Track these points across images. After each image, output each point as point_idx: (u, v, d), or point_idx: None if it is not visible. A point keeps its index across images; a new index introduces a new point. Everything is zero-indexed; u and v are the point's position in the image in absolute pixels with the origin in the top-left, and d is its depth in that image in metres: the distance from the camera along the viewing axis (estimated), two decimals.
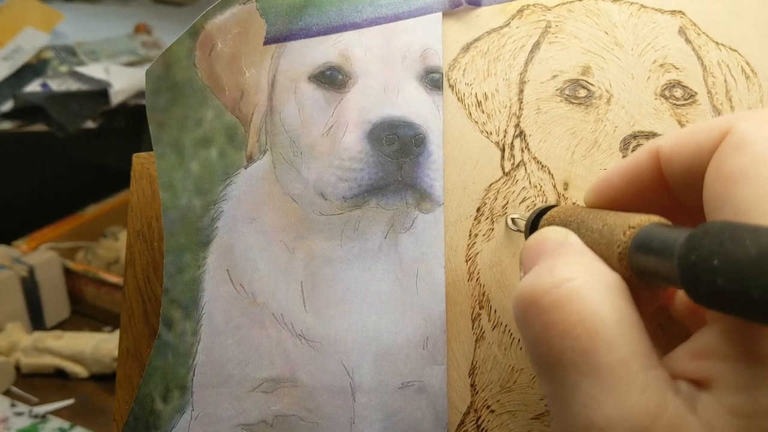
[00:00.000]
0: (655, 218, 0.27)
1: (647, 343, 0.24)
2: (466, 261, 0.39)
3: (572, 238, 0.29)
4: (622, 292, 0.25)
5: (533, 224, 0.36)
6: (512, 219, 0.39)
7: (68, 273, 1.01)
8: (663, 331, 0.37)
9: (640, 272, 0.26)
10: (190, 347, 0.38)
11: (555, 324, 0.24)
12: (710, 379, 0.23)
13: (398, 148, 0.38)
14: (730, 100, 0.41)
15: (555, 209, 0.34)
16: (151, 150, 0.40)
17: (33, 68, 1.23)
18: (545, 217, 0.35)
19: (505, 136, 0.40)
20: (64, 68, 1.24)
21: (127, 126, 1.20)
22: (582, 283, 0.25)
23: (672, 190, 0.30)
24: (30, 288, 0.95)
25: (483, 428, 0.38)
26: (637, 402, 0.22)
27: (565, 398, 0.24)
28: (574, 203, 0.39)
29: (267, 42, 0.39)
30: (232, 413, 0.38)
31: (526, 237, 0.36)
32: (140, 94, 1.20)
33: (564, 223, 0.32)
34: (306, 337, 0.38)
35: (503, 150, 0.40)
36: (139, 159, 0.42)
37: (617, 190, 0.32)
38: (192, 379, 0.38)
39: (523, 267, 0.29)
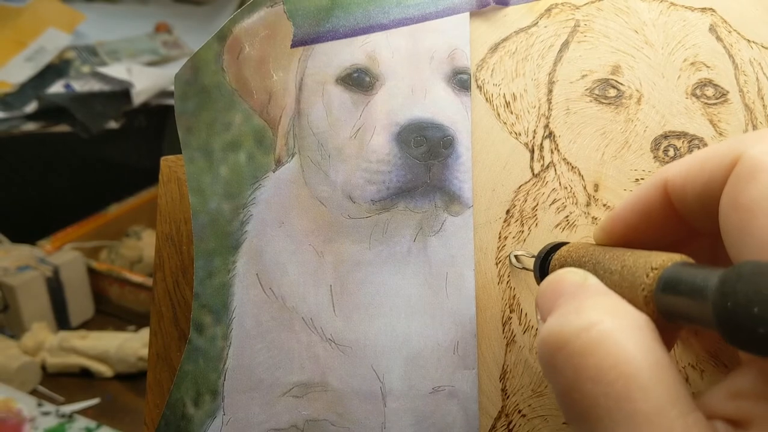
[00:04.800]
0: (676, 257, 0.26)
1: (683, 387, 0.23)
2: (496, 264, 0.39)
3: (592, 279, 0.28)
4: (653, 334, 0.24)
5: (542, 263, 0.35)
6: (515, 256, 0.38)
7: (92, 272, 1.02)
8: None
9: (667, 314, 0.25)
10: (221, 352, 0.38)
11: (587, 369, 0.23)
12: (749, 419, 0.22)
13: (426, 150, 0.38)
14: (762, 98, 0.40)
15: (565, 248, 0.34)
16: (174, 150, 0.40)
17: (56, 69, 1.24)
18: (555, 256, 0.34)
19: (534, 137, 0.39)
20: (86, 68, 1.25)
21: (149, 125, 1.21)
22: (613, 325, 0.24)
23: (685, 219, 0.29)
24: (55, 288, 0.96)
25: None
26: None
27: None
28: (595, 219, 0.39)
29: (294, 45, 0.39)
30: (263, 418, 0.38)
31: (537, 276, 0.35)
32: (162, 93, 1.20)
33: (578, 264, 0.31)
34: (336, 341, 0.38)
35: (532, 151, 0.39)
36: (166, 162, 0.42)
37: (628, 226, 0.31)
38: (223, 384, 0.38)
39: (541, 311, 0.28)
